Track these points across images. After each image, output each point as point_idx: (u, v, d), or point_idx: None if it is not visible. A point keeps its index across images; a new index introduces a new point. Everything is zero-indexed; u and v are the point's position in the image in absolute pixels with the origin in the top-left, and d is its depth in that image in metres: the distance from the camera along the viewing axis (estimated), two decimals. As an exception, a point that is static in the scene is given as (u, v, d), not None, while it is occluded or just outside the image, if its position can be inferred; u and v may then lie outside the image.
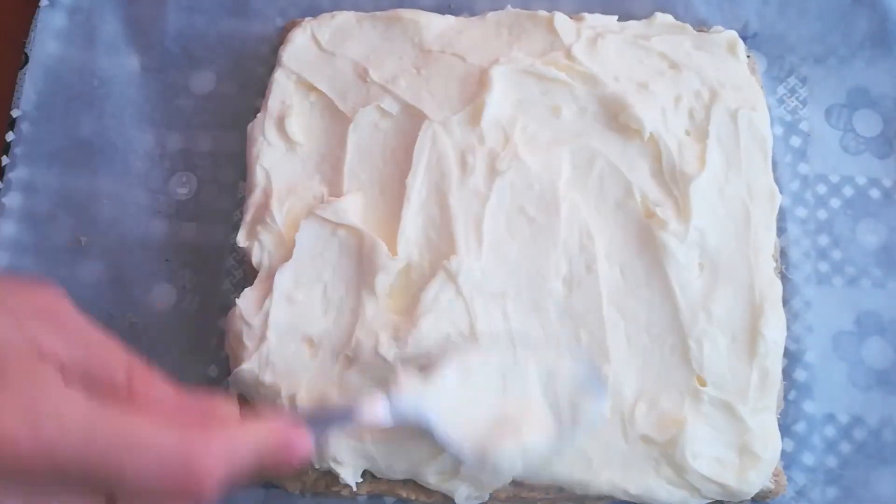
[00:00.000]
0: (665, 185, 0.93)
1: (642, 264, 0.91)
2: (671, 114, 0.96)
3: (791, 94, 1.07)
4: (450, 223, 0.91)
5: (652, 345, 0.89)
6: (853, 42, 1.07)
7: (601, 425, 0.87)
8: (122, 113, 1.08)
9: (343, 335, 0.89)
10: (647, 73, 0.98)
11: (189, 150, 1.07)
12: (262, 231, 0.92)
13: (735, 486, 0.87)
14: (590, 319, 0.89)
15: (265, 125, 0.97)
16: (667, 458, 0.87)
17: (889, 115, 1.05)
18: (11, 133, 1.06)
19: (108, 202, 1.05)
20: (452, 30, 1.02)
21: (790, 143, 1.05)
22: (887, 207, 1.02)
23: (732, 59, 1.01)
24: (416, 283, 0.90)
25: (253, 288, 0.91)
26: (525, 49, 0.99)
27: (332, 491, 0.93)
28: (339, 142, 0.96)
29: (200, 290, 1.02)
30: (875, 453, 0.95)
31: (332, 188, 0.95)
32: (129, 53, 1.10)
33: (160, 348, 1.00)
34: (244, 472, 0.63)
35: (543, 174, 0.93)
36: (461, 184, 0.93)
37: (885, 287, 1.00)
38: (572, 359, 0.85)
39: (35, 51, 1.08)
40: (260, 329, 0.89)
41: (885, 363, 0.98)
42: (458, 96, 0.96)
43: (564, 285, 0.90)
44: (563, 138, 0.95)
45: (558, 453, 0.85)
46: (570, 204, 0.92)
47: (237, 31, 1.10)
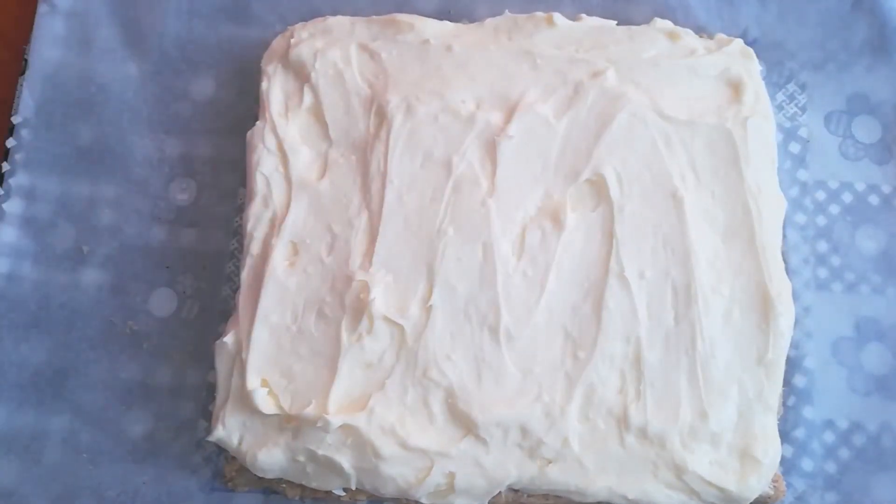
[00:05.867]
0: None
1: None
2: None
3: (790, 101, 1.07)
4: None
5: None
6: (852, 48, 1.07)
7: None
8: (120, 119, 1.07)
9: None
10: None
11: (189, 156, 1.07)
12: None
13: (735, 490, 0.87)
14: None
15: (264, 133, 0.98)
16: (665, 460, 0.87)
17: (888, 122, 1.05)
18: (12, 139, 1.06)
19: (108, 208, 1.05)
20: (449, 34, 1.02)
21: (789, 150, 1.05)
22: (886, 213, 1.02)
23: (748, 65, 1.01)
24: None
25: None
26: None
27: (332, 496, 0.93)
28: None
29: (200, 295, 1.02)
30: (874, 459, 0.95)
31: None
32: (128, 59, 1.10)
33: (161, 354, 1.00)
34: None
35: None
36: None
37: (885, 293, 1.00)
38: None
39: (33, 57, 1.08)
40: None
41: (884, 369, 0.98)
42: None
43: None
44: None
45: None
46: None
47: (237, 36, 1.10)
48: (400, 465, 0.87)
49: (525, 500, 0.92)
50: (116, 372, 1.00)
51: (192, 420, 0.99)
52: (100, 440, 0.98)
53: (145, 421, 0.99)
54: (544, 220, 0.93)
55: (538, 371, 0.89)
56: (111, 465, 0.97)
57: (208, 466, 0.98)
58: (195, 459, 0.98)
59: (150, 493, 0.96)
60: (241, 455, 0.90)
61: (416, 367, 0.89)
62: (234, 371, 0.91)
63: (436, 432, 0.89)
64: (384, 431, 0.87)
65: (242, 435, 0.90)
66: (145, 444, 0.98)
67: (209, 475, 0.97)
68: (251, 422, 0.90)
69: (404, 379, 0.89)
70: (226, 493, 0.97)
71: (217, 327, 1.00)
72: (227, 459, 0.95)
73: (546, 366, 0.89)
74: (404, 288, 0.91)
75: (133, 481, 0.97)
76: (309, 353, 0.90)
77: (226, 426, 0.90)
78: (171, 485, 0.97)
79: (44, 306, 1.02)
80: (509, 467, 0.88)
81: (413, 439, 0.87)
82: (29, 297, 1.02)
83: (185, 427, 0.99)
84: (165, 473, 0.97)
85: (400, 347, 0.90)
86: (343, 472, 0.88)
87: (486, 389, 0.89)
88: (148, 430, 0.99)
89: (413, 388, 0.89)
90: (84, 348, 1.01)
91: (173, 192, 1.06)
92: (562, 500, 0.91)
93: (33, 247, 1.03)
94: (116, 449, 0.98)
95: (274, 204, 0.95)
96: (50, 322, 1.01)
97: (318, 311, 0.91)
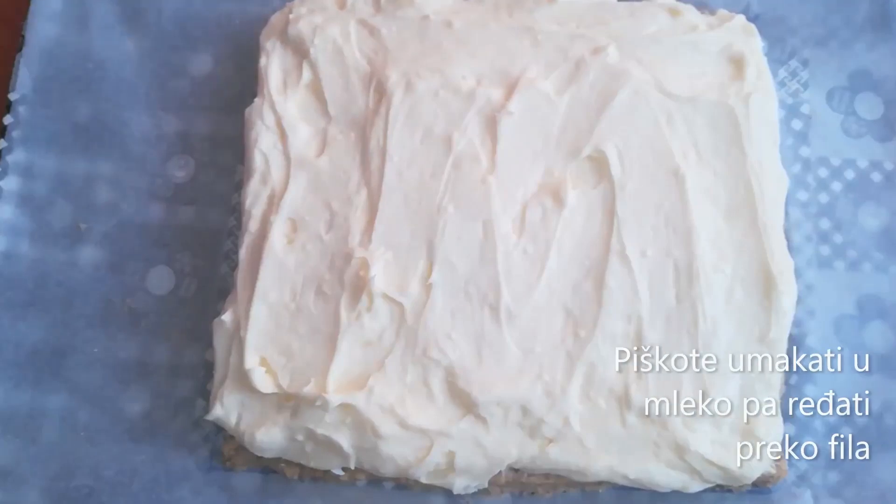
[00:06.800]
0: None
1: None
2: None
3: (792, 77, 1.06)
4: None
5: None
6: (855, 24, 1.07)
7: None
8: (118, 96, 1.07)
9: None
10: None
11: (186, 133, 1.06)
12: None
13: (737, 469, 0.87)
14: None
15: (263, 110, 0.97)
16: (666, 440, 0.87)
17: (890, 98, 1.05)
18: (9, 116, 1.05)
19: (106, 186, 1.04)
20: (449, 10, 1.01)
21: (791, 126, 1.04)
22: (889, 191, 1.02)
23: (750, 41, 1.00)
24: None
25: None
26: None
27: (331, 475, 0.93)
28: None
29: (198, 273, 1.02)
30: (877, 438, 0.95)
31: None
32: (125, 35, 1.09)
33: (159, 333, 1.00)
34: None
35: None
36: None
37: (887, 271, 1.00)
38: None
39: (30, 34, 1.08)
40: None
41: (886, 347, 0.97)
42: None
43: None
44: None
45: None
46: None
47: (235, 12, 1.10)
48: (399, 445, 0.87)
49: (525, 479, 0.92)
50: (114, 350, 1.00)
51: (191, 399, 0.98)
52: (97, 419, 0.98)
53: (143, 400, 0.98)
54: (545, 198, 0.92)
55: (539, 350, 0.89)
56: (109, 443, 0.97)
57: (206, 445, 0.97)
58: (193, 438, 0.97)
59: (148, 472, 0.96)
60: (239, 434, 0.90)
61: (415, 346, 0.88)
62: (232, 349, 0.91)
63: (436, 411, 0.88)
64: (383, 410, 0.87)
65: (241, 414, 0.90)
66: (143, 423, 0.98)
67: (207, 454, 0.97)
68: (249, 400, 0.90)
69: (404, 358, 0.89)
70: (224, 472, 0.96)
71: (215, 305, 0.99)
72: (226, 438, 0.95)
73: (547, 345, 0.89)
74: (404, 265, 0.91)
75: (131, 460, 0.96)
76: (308, 331, 0.90)
77: (224, 405, 0.90)
78: (169, 463, 0.96)
79: (41, 284, 1.01)
80: (510, 447, 0.88)
81: (413, 419, 0.87)
82: (26, 276, 1.01)
83: (183, 406, 0.98)
84: (163, 452, 0.97)
85: (400, 326, 0.89)
86: (342, 451, 0.88)
87: (487, 368, 0.88)
88: (146, 409, 0.98)
89: (413, 366, 0.88)
90: (81, 327, 1.00)
91: (171, 169, 1.05)
92: (562, 479, 0.91)
93: (30, 224, 1.03)
94: (114, 428, 0.97)
95: (272, 181, 0.95)
96: (47, 300, 1.01)
97: (317, 288, 0.91)
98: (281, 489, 0.96)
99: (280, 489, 0.96)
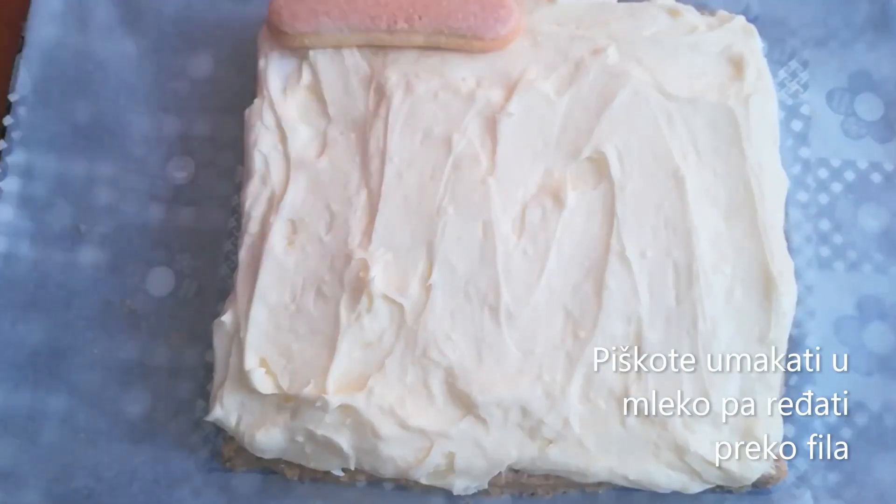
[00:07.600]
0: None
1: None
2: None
3: (792, 78, 1.06)
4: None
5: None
6: (855, 25, 1.07)
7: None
8: (118, 97, 1.07)
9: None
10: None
11: (186, 134, 1.06)
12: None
13: (737, 470, 0.87)
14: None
15: (262, 111, 0.97)
16: (666, 441, 0.87)
17: (890, 99, 1.05)
18: (9, 117, 1.05)
19: (106, 187, 1.04)
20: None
21: (791, 127, 1.04)
22: (889, 192, 1.02)
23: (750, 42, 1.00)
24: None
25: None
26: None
27: (331, 476, 0.93)
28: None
29: (198, 274, 1.02)
30: (876, 438, 0.95)
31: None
32: (125, 36, 1.09)
33: (159, 334, 1.00)
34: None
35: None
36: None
37: (887, 272, 1.00)
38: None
39: (30, 35, 1.08)
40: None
41: (886, 348, 0.97)
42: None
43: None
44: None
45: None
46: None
47: (235, 13, 1.10)
48: (399, 446, 0.87)
49: (525, 480, 0.92)
50: (114, 352, 1.00)
51: (191, 400, 0.98)
52: (97, 420, 0.98)
53: (143, 401, 0.98)
54: (545, 199, 0.92)
55: (539, 351, 0.88)
56: (109, 445, 0.97)
57: (206, 446, 0.97)
58: (193, 439, 0.97)
59: (148, 473, 0.96)
60: (239, 435, 0.89)
61: (415, 347, 0.88)
62: (232, 350, 0.91)
63: (435, 412, 0.88)
64: (383, 411, 0.87)
65: (241, 415, 0.90)
66: (143, 424, 0.98)
67: (207, 455, 0.97)
68: (249, 401, 0.89)
69: (404, 358, 0.88)
70: (224, 473, 0.96)
71: (215, 306, 0.99)
72: (226, 439, 0.95)
73: (546, 345, 0.89)
74: (404, 266, 0.91)
75: (131, 461, 0.96)
76: (308, 332, 0.90)
77: (224, 406, 0.90)
78: (169, 465, 0.96)
79: (41, 286, 1.01)
80: (509, 448, 0.87)
81: (412, 419, 0.87)
82: (26, 277, 1.01)
83: (184, 407, 0.98)
84: (163, 453, 0.97)
85: (399, 327, 0.89)
86: (342, 452, 0.88)
87: (487, 369, 0.88)
88: (146, 410, 0.98)
89: (413, 367, 0.88)
90: (81, 328, 1.00)
91: (171, 170, 1.05)
92: (562, 480, 0.91)
93: (31, 226, 1.03)
94: (114, 429, 0.97)
95: (272, 182, 0.95)
96: (47, 301, 1.01)
97: (316, 289, 0.91)
98: (281, 490, 0.96)
99: (280, 490, 0.96)
